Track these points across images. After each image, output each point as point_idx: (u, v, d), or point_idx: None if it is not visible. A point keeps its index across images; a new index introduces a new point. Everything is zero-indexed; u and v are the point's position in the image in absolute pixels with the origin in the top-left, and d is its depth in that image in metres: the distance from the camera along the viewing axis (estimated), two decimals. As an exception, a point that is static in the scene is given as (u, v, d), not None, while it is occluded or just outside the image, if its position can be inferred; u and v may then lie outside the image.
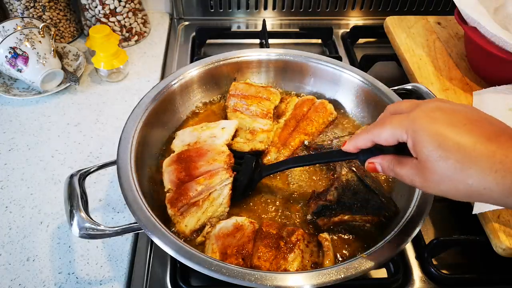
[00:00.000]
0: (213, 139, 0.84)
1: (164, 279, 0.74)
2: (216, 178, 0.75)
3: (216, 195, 0.75)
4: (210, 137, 0.84)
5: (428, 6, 1.41)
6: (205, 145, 0.82)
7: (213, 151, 0.80)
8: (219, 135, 0.84)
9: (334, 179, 0.80)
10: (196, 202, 0.73)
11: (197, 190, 0.73)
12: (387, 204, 0.75)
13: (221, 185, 0.75)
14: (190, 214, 0.73)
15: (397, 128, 0.52)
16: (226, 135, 0.84)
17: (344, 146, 0.62)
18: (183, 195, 0.73)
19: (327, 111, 0.95)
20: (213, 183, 0.75)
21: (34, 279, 0.73)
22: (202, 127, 0.88)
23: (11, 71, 1.04)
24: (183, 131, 0.88)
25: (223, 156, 0.78)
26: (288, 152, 0.87)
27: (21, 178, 0.89)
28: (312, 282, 0.59)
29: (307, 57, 1.01)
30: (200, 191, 0.73)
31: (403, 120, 0.51)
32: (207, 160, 0.78)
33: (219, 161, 0.77)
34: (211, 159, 0.78)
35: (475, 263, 0.80)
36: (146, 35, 1.32)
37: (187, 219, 0.73)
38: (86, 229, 0.63)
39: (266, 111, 0.93)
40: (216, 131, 0.85)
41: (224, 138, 0.84)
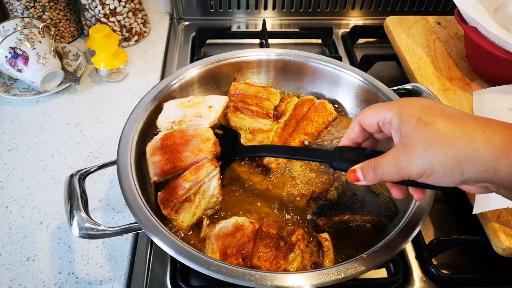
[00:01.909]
0: (198, 119, 0.80)
1: (164, 279, 0.74)
2: (203, 172, 0.73)
3: (206, 187, 0.74)
4: (195, 117, 0.80)
5: (428, 6, 1.41)
6: (190, 127, 0.79)
7: (198, 137, 0.76)
8: (205, 114, 0.81)
9: (334, 179, 0.80)
10: (187, 198, 0.73)
11: (185, 187, 0.72)
12: (387, 204, 0.75)
13: (208, 177, 0.74)
14: (185, 210, 0.73)
15: (383, 108, 0.54)
16: (213, 116, 0.81)
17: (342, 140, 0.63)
18: (173, 195, 0.72)
19: (327, 111, 0.95)
20: (200, 177, 0.73)
21: (34, 279, 0.73)
22: (189, 101, 0.85)
23: (11, 71, 1.04)
24: (169, 103, 0.85)
25: (209, 145, 0.76)
26: (288, 152, 0.87)
27: (21, 178, 0.89)
28: (312, 282, 0.59)
29: (307, 57, 1.01)
30: (189, 187, 0.73)
31: (388, 103, 0.55)
32: (192, 150, 0.75)
33: (205, 151, 0.75)
34: (196, 148, 0.75)
35: (475, 263, 0.80)
36: (146, 35, 1.32)
37: (182, 215, 0.72)
38: (86, 229, 0.63)
39: (266, 111, 0.93)
40: (202, 109, 0.82)
41: (210, 119, 0.80)
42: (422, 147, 0.47)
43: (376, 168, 0.53)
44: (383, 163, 0.52)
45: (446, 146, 0.46)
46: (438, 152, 0.46)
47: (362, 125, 0.59)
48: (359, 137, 0.61)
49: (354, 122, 0.60)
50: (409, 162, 0.49)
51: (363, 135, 0.61)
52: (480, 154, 0.44)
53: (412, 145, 0.48)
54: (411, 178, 0.50)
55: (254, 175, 0.85)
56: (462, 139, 0.45)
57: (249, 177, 0.85)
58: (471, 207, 0.74)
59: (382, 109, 0.54)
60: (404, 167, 0.49)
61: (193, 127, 0.79)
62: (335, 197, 0.75)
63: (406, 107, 0.51)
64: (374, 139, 0.62)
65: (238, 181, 0.84)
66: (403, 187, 0.57)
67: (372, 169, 0.54)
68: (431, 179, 0.48)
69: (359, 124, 0.59)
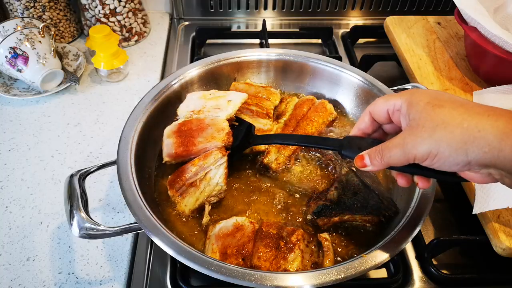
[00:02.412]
0: (216, 111, 0.83)
1: (164, 279, 0.74)
2: (210, 158, 0.75)
3: (212, 174, 0.75)
4: (214, 108, 0.83)
5: (428, 6, 1.41)
6: (207, 117, 0.82)
7: (214, 126, 0.79)
8: (224, 107, 0.84)
9: (334, 179, 0.80)
10: (193, 182, 0.75)
11: (192, 171, 0.75)
12: (387, 204, 0.75)
13: (215, 165, 0.75)
14: (189, 195, 0.74)
15: (393, 96, 0.56)
16: (230, 109, 0.83)
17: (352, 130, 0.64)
18: (179, 177, 0.75)
19: (327, 111, 0.95)
20: (207, 163, 0.75)
21: (34, 279, 0.73)
22: (210, 94, 0.88)
23: (11, 71, 1.04)
24: (192, 95, 0.89)
25: (222, 134, 0.78)
26: (288, 152, 0.87)
27: (21, 178, 0.89)
28: (312, 282, 0.59)
29: (307, 57, 1.01)
30: (196, 172, 0.75)
31: (399, 93, 0.56)
32: (206, 136, 0.78)
33: (217, 139, 0.77)
34: (209, 136, 0.78)
35: (475, 263, 0.80)
36: (146, 35, 1.32)
37: (186, 199, 0.74)
38: (86, 229, 0.63)
39: (266, 111, 0.93)
40: (222, 102, 0.85)
41: (227, 112, 0.83)
42: (429, 128, 0.48)
43: (383, 151, 0.54)
44: (390, 146, 0.53)
45: (453, 126, 0.47)
46: (444, 132, 0.47)
47: (372, 114, 0.60)
48: (368, 127, 0.62)
49: (365, 112, 0.61)
50: (416, 143, 0.50)
51: (372, 126, 0.62)
52: (485, 135, 0.45)
53: (419, 126, 0.50)
54: (417, 160, 0.51)
55: (254, 175, 0.85)
56: (469, 120, 0.46)
57: (249, 177, 0.85)
58: (471, 207, 0.74)
59: (392, 98, 0.56)
60: (410, 147, 0.50)
61: (211, 117, 0.82)
62: (335, 197, 0.75)
63: (415, 94, 0.53)
64: (383, 131, 0.63)
65: (238, 181, 0.84)
66: (408, 175, 0.58)
67: (379, 153, 0.55)
68: (436, 161, 0.49)
69: (369, 114, 0.60)
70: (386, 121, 0.59)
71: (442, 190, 0.92)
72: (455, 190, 0.85)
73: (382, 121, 0.59)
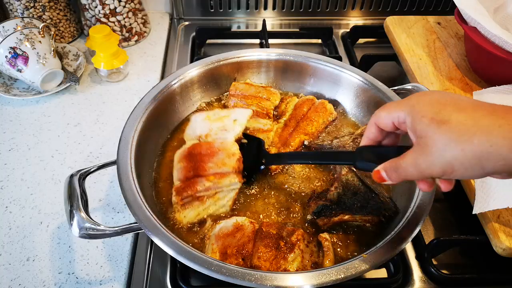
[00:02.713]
0: (224, 132, 0.82)
1: (164, 279, 0.74)
2: (226, 180, 0.75)
3: (221, 195, 0.75)
4: (221, 130, 0.83)
5: (428, 6, 1.41)
6: (216, 141, 0.81)
7: (224, 151, 0.78)
8: (230, 127, 0.83)
9: (334, 179, 0.80)
10: (200, 197, 0.74)
11: (204, 185, 0.74)
12: (387, 204, 0.75)
13: (228, 188, 0.75)
14: (192, 207, 0.74)
15: (395, 108, 0.54)
16: (237, 129, 0.83)
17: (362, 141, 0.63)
18: (190, 187, 0.74)
19: (327, 111, 0.95)
20: (221, 184, 0.75)
21: (34, 279, 0.73)
22: (214, 114, 0.87)
23: (11, 71, 1.04)
24: (196, 117, 0.88)
25: (233, 160, 0.77)
26: (288, 152, 0.87)
27: (21, 178, 0.89)
28: (312, 282, 0.59)
29: (307, 57, 1.01)
30: (207, 187, 0.74)
31: (400, 101, 0.54)
32: (216, 162, 0.77)
33: (228, 165, 0.76)
34: (220, 162, 0.77)
35: (475, 263, 0.80)
36: (146, 35, 1.32)
37: (187, 210, 0.74)
38: (86, 229, 0.63)
39: (266, 111, 0.93)
40: (227, 122, 0.84)
41: (235, 132, 0.82)
42: (439, 148, 0.47)
43: (398, 169, 0.53)
44: (404, 165, 0.52)
45: (463, 143, 0.45)
46: (455, 151, 0.46)
47: (378, 126, 0.59)
48: (377, 136, 0.60)
49: (370, 123, 0.60)
50: (429, 163, 0.48)
51: (381, 134, 0.60)
52: (498, 149, 0.44)
53: (428, 146, 0.48)
54: (434, 177, 0.50)
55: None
56: (479, 135, 0.44)
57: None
58: (471, 207, 0.74)
59: (394, 110, 0.54)
60: (424, 168, 0.49)
61: (220, 140, 0.81)
62: (335, 197, 0.75)
63: (417, 106, 0.51)
64: (395, 134, 0.61)
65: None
66: (429, 180, 0.56)
67: (394, 171, 0.54)
68: (453, 176, 0.48)
69: (375, 125, 0.59)
70: (394, 130, 0.57)
71: (442, 190, 0.92)
72: (455, 190, 0.85)
73: (390, 130, 0.58)
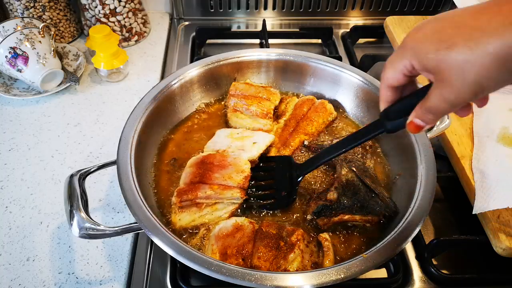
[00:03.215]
0: (240, 152, 0.83)
1: (164, 279, 0.74)
2: (228, 193, 0.75)
3: (220, 206, 0.75)
4: (238, 149, 0.83)
5: (428, 6, 1.41)
6: (230, 156, 0.81)
7: (234, 166, 0.79)
8: (248, 149, 0.83)
9: (334, 179, 0.80)
10: (199, 203, 0.74)
11: (206, 193, 0.74)
12: (387, 204, 0.75)
13: (229, 201, 0.75)
14: (188, 212, 0.74)
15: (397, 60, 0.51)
16: (255, 152, 0.83)
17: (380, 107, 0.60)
18: (191, 191, 0.74)
19: (327, 111, 0.95)
20: (223, 195, 0.75)
21: (34, 279, 0.73)
22: (238, 133, 0.88)
23: (11, 71, 1.04)
24: (221, 132, 0.89)
25: (240, 177, 0.77)
26: (288, 152, 0.87)
27: (21, 178, 0.89)
28: (312, 282, 0.59)
29: (307, 57, 1.01)
30: (208, 196, 0.74)
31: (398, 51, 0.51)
32: (223, 174, 0.77)
33: (234, 180, 0.77)
34: (227, 175, 0.77)
35: (475, 263, 0.80)
36: (146, 35, 1.32)
37: (183, 214, 0.73)
38: (86, 229, 0.63)
39: (266, 111, 0.93)
40: (247, 143, 0.85)
41: (251, 154, 0.83)
42: (459, 75, 0.44)
43: (431, 110, 0.50)
44: (434, 105, 0.49)
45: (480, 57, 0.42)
46: (476, 69, 0.43)
47: (391, 85, 0.55)
48: (394, 95, 0.57)
49: (382, 88, 0.56)
50: (457, 93, 0.46)
51: (397, 91, 0.57)
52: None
53: (447, 77, 0.45)
54: (468, 101, 0.47)
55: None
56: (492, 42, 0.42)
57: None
58: (471, 207, 0.74)
59: (397, 63, 0.52)
60: (454, 99, 0.47)
61: (234, 156, 0.82)
62: (335, 197, 0.75)
63: (416, 47, 0.48)
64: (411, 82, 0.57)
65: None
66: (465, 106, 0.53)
67: (428, 112, 0.51)
68: (487, 92, 0.46)
69: (388, 87, 0.56)
70: (407, 80, 0.54)
71: (442, 190, 0.92)
72: (455, 190, 0.85)
73: (404, 82, 0.54)
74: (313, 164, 0.77)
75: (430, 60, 0.46)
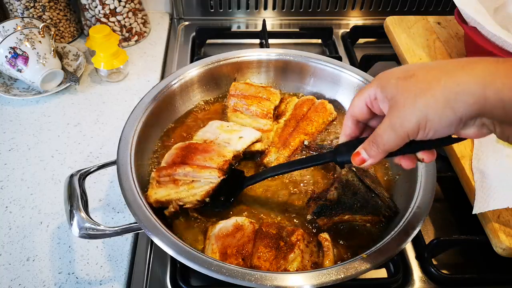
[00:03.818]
0: (226, 144, 0.85)
1: (164, 279, 0.74)
2: (206, 172, 0.76)
3: (196, 185, 0.75)
4: (224, 142, 0.85)
5: (428, 6, 1.41)
6: (215, 145, 0.83)
7: (217, 151, 0.81)
8: (234, 142, 0.85)
9: (334, 179, 0.80)
10: (176, 180, 0.75)
11: (184, 170, 0.76)
12: (387, 204, 0.75)
13: (206, 180, 0.76)
14: (165, 187, 0.75)
15: (364, 89, 0.55)
16: (239, 146, 0.84)
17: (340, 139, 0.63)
18: (171, 168, 0.76)
19: (327, 111, 0.95)
20: (201, 173, 0.76)
21: (34, 279, 0.73)
22: (228, 126, 0.89)
23: (11, 71, 1.04)
24: (213, 123, 0.91)
25: (221, 159, 0.79)
26: (288, 152, 0.87)
27: (21, 178, 0.89)
28: (312, 282, 0.59)
29: (307, 57, 1.01)
30: (186, 173, 0.76)
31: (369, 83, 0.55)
32: (205, 157, 0.79)
33: (214, 161, 0.78)
34: (209, 157, 0.79)
35: (475, 263, 0.80)
36: (146, 35, 1.32)
37: (160, 189, 0.75)
38: (86, 229, 0.63)
39: (266, 111, 0.93)
40: (234, 137, 0.86)
41: (235, 148, 0.84)
42: (410, 99, 0.47)
43: (376, 139, 0.53)
44: (380, 132, 0.52)
45: (432, 89, 0.46)
46: (425, 98, 0.46)
47: (354, 116, 0.59)
48: (355, 131, 0.61)
49: (346, 117, 0.60)
50: (403, 119, 0.48)
51: (358, 128, 0.60)
52: (466, 87, 0.44)
53: (399, 102, 0.48)
54: (410, 136, 0.49)
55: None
56: (445, 79, 0.45)
57: (249, 177, 0.85)
58: (471, 207, 0.74)
59: (364, 90, 0.55)
60: (399, 126, 0.49)
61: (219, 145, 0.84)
62: (335, 197, 0.75)
63: (383, 76, 0.52)
64: (371, 128, 0.61)
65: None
66: (410, 155, 0.56)
67: (373, 143, 0.53)
68: (428, 129, 0.47)
69: (351, 117, 0.59)
70: (370, 116, 0.57)
71: (442, 190, 0.92)
72: (455, 190, 0.85)
73: (366, 118, 0.58)
74: (258, 177, 0.77)
75: (391, 86, 0.50)
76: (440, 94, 0.45)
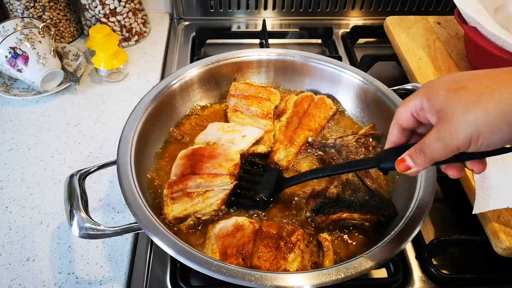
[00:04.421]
0: (230, 144, 0.84)
1: (164, 279, 0.74)
2: (217, 180, 0.76)
3: (211, 194, 0.75)
4: (228, 142, 0.85)
5: (428, 6, 1.41)
6: (220, 148, 0.83)
7: (224, 156, 0.80)
8: (237, 142, 0.85)
9: (334, 178, 0.80)
10: (190, 193, 0.75)
11: (195, 181, 0.75)
12: (387, 204, 0.75)
13: (219, 187, 0.76)
14: (180, 202, 0.74)
15: (410, 98, 0.54)
16: (244, 145, 0.84)
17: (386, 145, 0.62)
18: (182, 182, 0.76)
19: (327, 106, 0.95)
20: (213, 182, 0.75)
21: (34, 279, 0.73)
22: (229, 127, 0.89)
23: (11, 71, 1.04)
24: (213, 125, 0.90)
25: (230, 164, 0.79)
26: (295, 149, 0.87)
27: (21, 178, 0.89)
28: (312, 282, 0.59)
29: (307, 57, 1.01)
30: (198, 185, 0.75)
31: (414, 93, 0.54)
32: (213, 164, 0.79)
33: (224, 168, 0.78)
34: (217, 163, 0.79)
35: (475, 263, 0.80)
36: (146, 35, 1.32)
37: (175, 205, 0.74)
38: (86, 229, 0.63)
39: (267, 111, 0.93)
40: (237, 136, 0.86)
41: (240, 146, 0.84)
42: (461, 113, 0.45)
43: (423, 148, 0.51)
44: (428, 143, 0.50)
45: (484, 102, 0.44)
46: (477, 111, 0.44)
47: (400, 125, 0.57)
48: (400, 138, 0.59)
49: (392, 125, 0.59)
50: (453, 132, 0.46)
51: (404, 136, 0.59)
52: None
53: (449, 115, 0.46)
54: (461, 149, 0.47)
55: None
56: (499, 90, 0.43)
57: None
58: (471, 207, 0.74)
59: (410, 100, 0.54)
60: (448, 139, 0.47)
61: (224, 148, 0.83)
62: (334, 195, 0.75)
63: (431, 87, 0.50)
64: (418, 135, 0.59)
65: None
66: (458, 164, 0.54)
67: (420, 152, 0.51)
68: (481, 143, 0.46)
69: (397, 125, 0.58)
70: (416, 124, 0.56)
71: (442, 190, 0.92)
72: (455, 190, 0.85)
73: (412, 126, 0.56)
74: (300, 179, 0.77)
75: (439, 97, 0.48)
76: (493, 106, 0.43)
